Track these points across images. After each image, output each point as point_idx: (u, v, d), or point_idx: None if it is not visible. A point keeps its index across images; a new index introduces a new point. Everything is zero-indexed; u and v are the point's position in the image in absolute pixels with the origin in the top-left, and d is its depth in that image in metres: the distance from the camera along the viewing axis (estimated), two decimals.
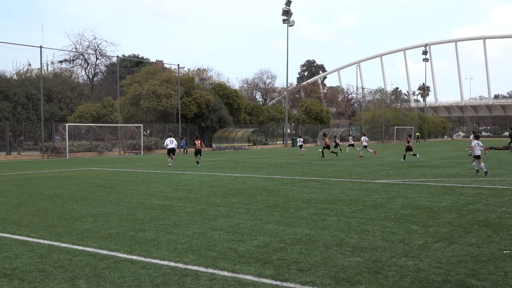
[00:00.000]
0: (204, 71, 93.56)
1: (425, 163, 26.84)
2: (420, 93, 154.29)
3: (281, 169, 23.73)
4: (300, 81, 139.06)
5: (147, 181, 18.37)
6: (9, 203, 12.76)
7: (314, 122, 77.54)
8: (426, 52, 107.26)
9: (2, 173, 23.30)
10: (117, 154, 46.25)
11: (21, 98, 52.61)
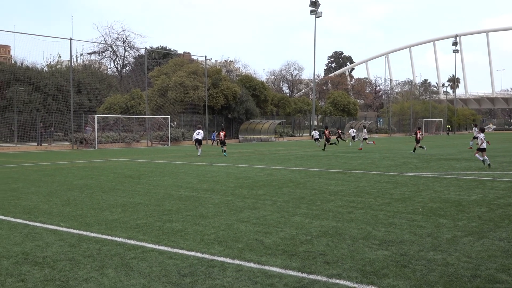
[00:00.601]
0: (231, 63, 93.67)
1: (455, 156, 26.45)
2: (449, 85, 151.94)
3: (307, 161, 23.66)
4: (327, 72, 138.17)
5: (174, 172, 18.52)
6: (40, 193, 13.01)
7: (341, 114, 77.02)
8: (456, 43, 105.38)
9: (33, 163, 23.76)
10: (145, 145, 46.72)
11: (52, 90, 53.50)
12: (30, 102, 50.47)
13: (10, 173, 18.71)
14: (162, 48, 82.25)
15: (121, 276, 5.87)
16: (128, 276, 5.85)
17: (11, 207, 10.76)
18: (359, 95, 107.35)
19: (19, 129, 44.16)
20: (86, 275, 5.90)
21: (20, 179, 16.48)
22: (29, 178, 16.98)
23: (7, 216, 9.75)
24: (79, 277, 5.84)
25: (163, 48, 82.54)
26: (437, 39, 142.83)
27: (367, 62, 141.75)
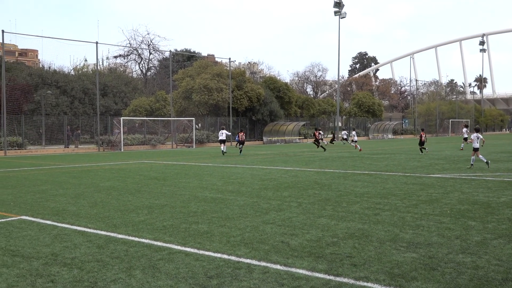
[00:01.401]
0: (255, 65, 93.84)
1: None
2: (476, 85, 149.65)
3: (332, 163, 23.54)
4: (351, 73, 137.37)
5: (199, 174, 18.60)
6: (68, 195, 13.19)
7: (366, 115, 76.48)
8: (483, 43, 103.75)
9: (61, 166, 24.11)
10: (170, 147, 47.04)
11: (78, 93, 54.30)
12: (57, 105, 51.29)
13: (39, 175, 19.02)
14: (187, 50, 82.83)
15: (148, 277, 5.90)
16: (155, 278, 5.88)
17: (40, 209, 10.93)
18: (384, 96, 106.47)
19: (47, 132, 44.88)
20: (114, 276, 5.96)
21: (48, 181, 16.74)
22: (57, 180, 17.23)
23: (36, 217, 9.90)
24: (107, 278, 5.89)
25: (188, 50, 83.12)
26: (463, 39, 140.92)
27: (392, 63, 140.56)
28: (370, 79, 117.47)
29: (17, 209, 11.01)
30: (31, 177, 18.47)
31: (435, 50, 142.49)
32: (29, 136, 42.98)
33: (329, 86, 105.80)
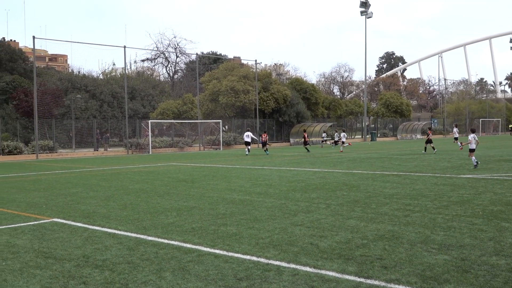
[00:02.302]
0: (281, 66, 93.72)
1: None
2: (507, 83, 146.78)
3: (360, 164, 23.35)
4: (378, 73, 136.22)
5: (227, 176, 18.65)
6: (98, 197, 13.36)
7: (394, 116, 75.70)
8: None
9: (91, 168, 24.46)
10: (197, 149, 47.31)
11: (107, 97, 55.04)
12: (86, 109, 52.07)
13: (69, 178, 19.33)
14: (213, 53, 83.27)
15: (178, 279, 5.94)
16: (185, 280, 5.91)
17: (71, 211, 11.10)
18: (412, 96, 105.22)
19: (77, 135, 45.59)
20: (145, 278, 6.00)
21: (79, 184, 16.99)
22: (87, 183, 17.48)
23: (68, 220, 10.06)
24: (138, 280, 5.94)
25: (214, 53, 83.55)
26: (493, 37, 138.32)
27: (420, 62, 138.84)
28: (398, 79, 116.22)
29: (49, 211, 11.20)
30: (62, 180, 18.78)
31: (464, 48, 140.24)
32: (59, 139, 43.73)
33: (356, 87, 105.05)
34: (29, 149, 37.95)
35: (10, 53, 56.60)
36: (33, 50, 39.86)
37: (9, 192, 14.95)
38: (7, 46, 58.48)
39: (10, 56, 56.13)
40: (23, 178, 19.77)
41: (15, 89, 51.18)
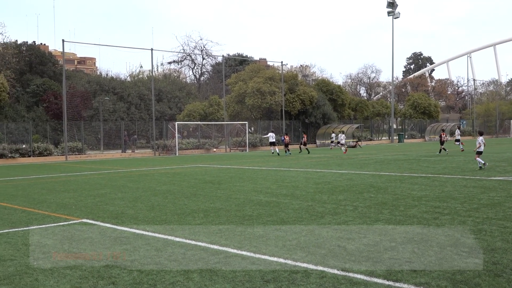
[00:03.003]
0: (307, 68, 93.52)
1: None
2: None
3: (388, 166, 23.13)
4: (406, 74, 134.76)
5: (253, 178, 18.66)
6: (126, 198, 13.50)
7: (421, 117, 74.76)
8: None
9: (119, 170, 24.74)
10: (223, 151, 47.46)
11: (134, 99, 55.66)
12: (114, 111, 52.73)
13: (98, 179, 19.58)
14: (239, 55, 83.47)
15: (205, 280, 5.96)
16: (212, 281, 5.93)
17: (100, 212, 11.24)
18: (440, 97, 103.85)
19: (105, 137, 46.20)
20: (173, 279, 6.04)
21: (107, 185, 17.20)
22: (115, 184, 17.69)
23: (96, 220, 10.19)
24: (166, 280, 5.98)
25: (240, 55, 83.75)
26: None
27: (448, 62, 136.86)
28: (426, 80, 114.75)
29: (79, 212, 11.36)
30: (91, 181, 19.04)
31: (493, 48, 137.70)
32: (88, 141, 44.35)
33: (383, 88, 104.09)
34: (59, 150, 38.60)
35: (40, 56, 57.69)
36: (62, 53, 40.54)
37: (40, 193, 15.22)
38: (37, 49, 59.62)
39: (40, 59, 57.21)
40: (53, 179, 20.10)
41: (45, 91, 52.15)
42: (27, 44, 59.71)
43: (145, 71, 74.64)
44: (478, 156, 20.27)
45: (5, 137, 38.51)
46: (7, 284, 6.04)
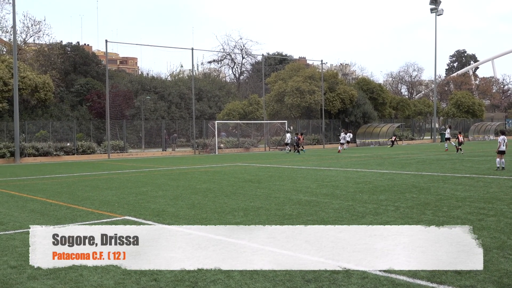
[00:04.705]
0: (347, 66, 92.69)
1: None
2: None
3: (430, 166, 22.70)
4: (449, 72, 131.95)
5: (293, 177, 18.61)
6: (167, 196, 13.67)
7: (465, 116, 73.11)
8: None
9: (160, 168, 25.08)
10: (263, 150, 47.52)
11: (175, 98, 56.30)
12: (155, 110, 53.47)
13: (139, 177, 19.89)
14: (278, 54, 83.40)
15: (246, 279, 5.97)
16: (253, 279, 5.94)
17: (142, 210, 11.41)
18: (485, 95, 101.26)
19: (146, 135, 46.90)
20: (214, 277, 6.08)
21: (148, 183, 17.45)
22: (156, 182, 17.93)
23: (139, 217, 10.35)
24: (207, 278, 6.03)
25: (279, 54, 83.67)
26: None
27: (493, 60, 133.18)
28: (469, 78, 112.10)
29: (121, 209, 11.56)
30: (132, 179, 19.36)
31: None
32: (130, 140, 45.13)
33: (425, 86, 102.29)
34: (101, 148, 39.40)
35: (84, 57, 59.02)
36: (105, 54, 41.36)
37: (84, 190, 15.56)
38: (81, 50, 61.02)
39: (84, 59, 58.53)
40: (96, 177, 20.53)
41: (88, 91, 53.33)
42: (71, 45, 61.19)
43: (185, 71, 75.52)
44: (499, 156, 19.79)
45: (50, 135, 39.54)
46: (53, 279, 6.19)
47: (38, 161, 34.15)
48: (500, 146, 19.91)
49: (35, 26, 52.06)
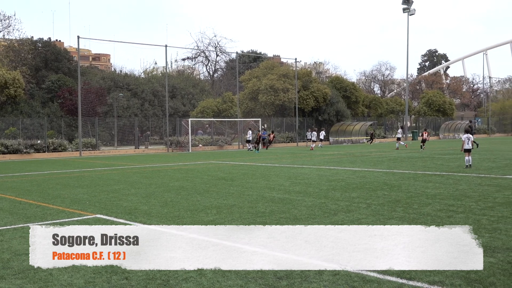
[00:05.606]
0: (321, 65, 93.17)
1: None
2: None
3: (401, 163, 23.00)
4: (420, 72, 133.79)
5: (266, 175, 18.65)
6: (140, 194, 13.56)
7: (436, 114, 74.26)
8: None
9: (132, 166, 24.87)
10: (236, 147, 47.50)
11: (148, 95, 55.86)
12: (128, 108, 52.99)
13: (112, 175, 19.70)
14: (253, 52, 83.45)
15: (218, 276, 5.97)
16: (225, 277, 5.94)
17: (114, 208, 11.30)
18: (455, 94, 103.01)
19: (119, 133, 46.44)
20: (186, 274, 6.06)
21: (121, 181, 17.29)
22: (128, 180, 17.78)
23: (110, 216, 10.25)
24: (179, 276, 6.01)
25: (254, 52, 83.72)
26: None
27: (464, 60, 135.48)
28: (440, 77, 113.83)
29: (92, 207, 11.44)
30: (104, 177, 19.16)
31: (510, 45, 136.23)
32: (102, 137, 44.65)
33: (397, 85, 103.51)
34: (73, 146, 38.91)
35: (55, 53, 58.17)
36: (77, 50, 40.80)
37: (54, 188, 15.34)
38: (52, 46, 60.12)
39: (55, 56, 57.69)
40: (67, 175, 20.26)
41: (60, 88, 52.58)
42: (42, 41, 60.22)
43: (159, 68, 74.96)
44: (466, 154, 20.18)
45: (20, 132, 38.89)
46: (21, 278, 6.10)
47: (7, 158, 33.54)
48: (464, 145, 20.33)
49: (4, 21, 51.20)
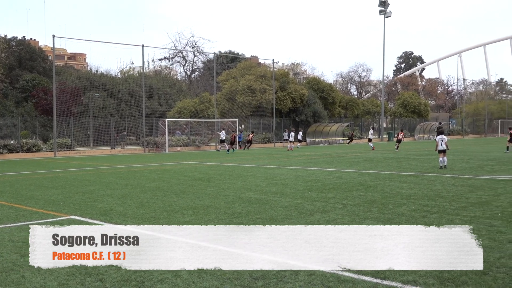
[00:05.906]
0: (298, 66, 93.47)
1: None
2: None
3: (377, 164, 23.21)
4: (396, 73, 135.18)
5: (243, 175, 18.65)
6: (115, 195, 13.44)
7: (411, 116, 75.11)
8: None
9: (108, 166, 24.63)
10: (214, 148, 47.39)
11: (125, 95, 55.39)
12: (104, 108, 52.46)
13: (87, 176, 19.49)
14: (230, 52, 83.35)
15: (194, 277, 5.95)
16: (201, 278, 5.92)
17: (88, 209, 11.18)
18: (430, 96, 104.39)
19: (94, 133, 45.92)
20: (161, 276, 6.03)
21: (96, 182, 17.12)
22: (104, 180, 17.61)
23: (85, 217, 10.14)
24: (154, 278, 5.97)
25: (231, 52, 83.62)
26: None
27: (439, 62, 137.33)
28: (416, 79, 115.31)
29: (67, 208, 11.30)
30: (79, 177, 18.94)
31: (483, 48, 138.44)
32: (77, 137, 44.12)
33: (373, 87, 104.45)
34: (48, 146, 38.37)
35: (30, 52, 57.29)
36: (52, 49, 40.27)
37: (28, 189, 15.12)
38: (27, 45, 59.21)
39: (30, 55, 56.81)
40: (41, 175, 19.98)
41: (34, 87, 51.77)
42: (16, 39, 59.28)
43: (136, 68, 74.42)
44: (441, 155, 20.50)
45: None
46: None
47: None
48: (438, 146, 20.63)
49: None
